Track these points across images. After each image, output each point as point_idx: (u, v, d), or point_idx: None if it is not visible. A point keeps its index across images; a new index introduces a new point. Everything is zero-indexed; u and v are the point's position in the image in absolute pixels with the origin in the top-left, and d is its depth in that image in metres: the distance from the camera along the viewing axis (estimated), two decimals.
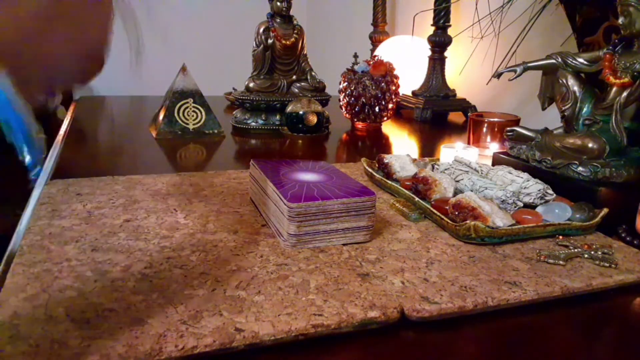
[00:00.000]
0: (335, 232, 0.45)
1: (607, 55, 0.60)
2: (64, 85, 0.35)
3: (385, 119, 1.09)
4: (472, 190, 0.55)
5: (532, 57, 0.70)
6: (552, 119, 0.72)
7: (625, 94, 0.58)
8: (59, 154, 0.78)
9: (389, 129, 1.12)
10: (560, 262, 0.43)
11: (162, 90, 1.05)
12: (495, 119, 0.83)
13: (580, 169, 0.58)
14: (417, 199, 0.55)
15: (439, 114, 1.22)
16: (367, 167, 0.67)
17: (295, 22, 1.01)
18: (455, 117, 1.26)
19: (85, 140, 0.96)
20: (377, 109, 1.05)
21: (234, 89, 1.19)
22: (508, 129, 0.69)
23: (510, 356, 0.33)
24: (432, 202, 0.53)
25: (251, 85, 0.99)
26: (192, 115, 0.93)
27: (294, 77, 1.02)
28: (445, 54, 1.24)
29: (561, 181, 0.58)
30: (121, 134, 1.06)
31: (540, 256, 0.44)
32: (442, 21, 1.20)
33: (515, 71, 0.69)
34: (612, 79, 0.59)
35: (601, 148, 0.58)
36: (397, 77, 1.07)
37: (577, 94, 0.64)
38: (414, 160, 0.67)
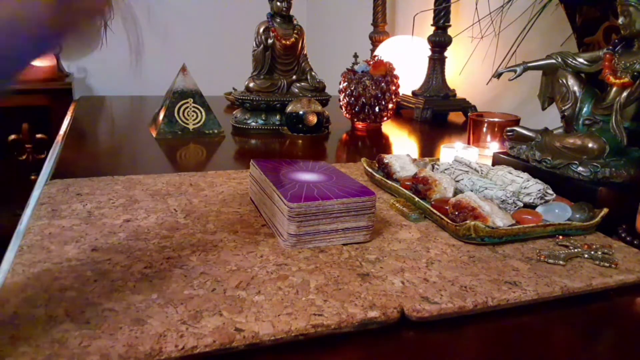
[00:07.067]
0: (335, 232, 0.45)
1: (607, 55, 0.60)
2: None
3: (385, 119, 1.09)
4: (472, 190, 0.55)
5: (532, 57, 0.70)
6: (552, 119, 0.72)
7: (625, 94, 0.58)
8: (59, 154, 0.78)
9: (389, 129, 1.11)
10: (560, 262, 0.43)
11: (162, 90, 1.05)
12: (495, 119, 0.83)
13: (580, 169, 0.58)
14: (417, 199, 0.55)
15: (439, 114, 1.22)
16: (367, 167, 0.67)
17: (295, 22, 1.01)
18: (455, 117, 1.26)
19: (85, 140, 0.96)
20: (377, 109, 1.05)
21: (234, 89, 1.19)
22: (508, 129, 0.69)
23: (510, 356, 0.33)
24: (432, 202, 0.53)
25: (251, 85, 0.99)
26: (192, 115, 0.93)
27: (294, 77, 1.02)
28: (445, 54, 1.24)
29: (561, 181, 0.58)
30: (121, 134, 1.05)
31: (540, 256, 0.44)
32: (442, 21, 1.20)
33: (515, 71, 0.69)
34: (612, 79, 0.59)
35: (601, 148, 0.58)
36: (397, 77, 1.07)
37: (577, 94, 0.64)
38: (414, 160, 0.67)
